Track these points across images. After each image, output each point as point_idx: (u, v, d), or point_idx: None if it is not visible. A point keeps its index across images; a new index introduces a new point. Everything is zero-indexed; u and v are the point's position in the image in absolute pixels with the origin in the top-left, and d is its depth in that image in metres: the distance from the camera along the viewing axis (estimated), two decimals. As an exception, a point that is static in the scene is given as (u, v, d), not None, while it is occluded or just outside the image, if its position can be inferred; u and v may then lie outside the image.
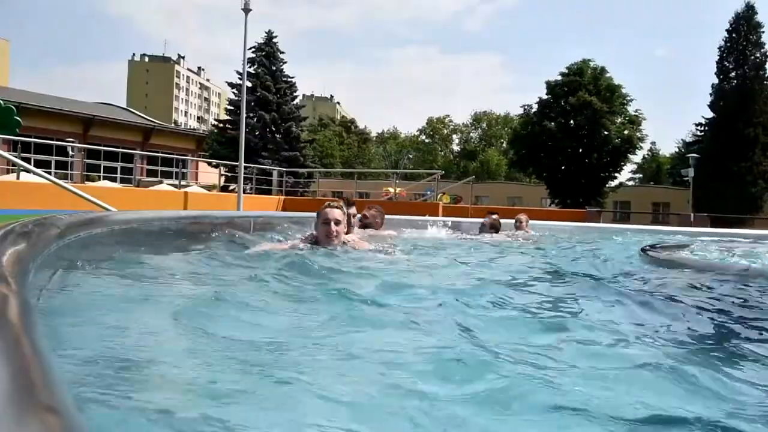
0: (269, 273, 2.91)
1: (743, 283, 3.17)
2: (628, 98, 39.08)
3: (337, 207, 4.09)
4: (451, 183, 32.29)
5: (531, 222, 8.52)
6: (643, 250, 4.67)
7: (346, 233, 4.27)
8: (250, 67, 33.64)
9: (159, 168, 23.44)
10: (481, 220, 7.68)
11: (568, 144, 37.78)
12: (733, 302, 2.71)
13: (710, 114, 35.21)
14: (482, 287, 2.80)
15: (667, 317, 2.15)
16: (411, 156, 79.56)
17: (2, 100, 13.85)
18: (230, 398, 1.11)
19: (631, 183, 55.64)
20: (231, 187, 23.22)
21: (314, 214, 4.24)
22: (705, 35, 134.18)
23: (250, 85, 32.60)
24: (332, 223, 3.97)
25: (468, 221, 9.05)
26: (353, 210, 7.34)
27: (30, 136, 15.52)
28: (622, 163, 39.74)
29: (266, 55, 34.78)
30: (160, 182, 19.46)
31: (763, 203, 33.03)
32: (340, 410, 1.07)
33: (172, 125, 61.24)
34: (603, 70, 39.01)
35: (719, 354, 1.57)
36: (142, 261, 2.87)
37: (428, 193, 22.74)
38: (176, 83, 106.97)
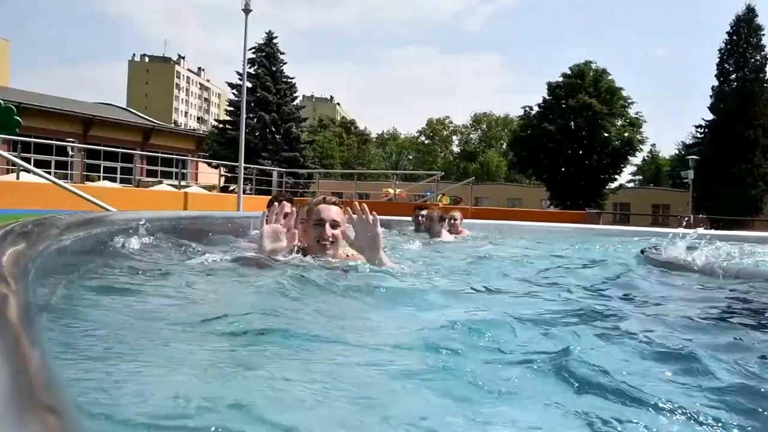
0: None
1: (743, 284, 3.17)
2: (629, 101, 39.18)
3: (334, 203, 3.01)
4: (450, 184, 32.28)
5: (531, 223, 8.18)
6: (642, 252, 4.68)
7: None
8: (250, 67, 33.68)
9: (159, 168, 23.45)
10: (480, 221, 7.42)
11: (568, 146, 37.85)
12: (734, 303, 2.71)
13: (710, 116, 35.27)
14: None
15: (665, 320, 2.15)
16: (411, 157, 79.66)
17: (2, 100, 13.86)
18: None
19: (630, 185, 55.74)
20: (231, 188, 23.23)
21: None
22: (705, 36, 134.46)
23: (250, 85, 32.63)
24: (327, 225, 2.90)
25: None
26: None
27: (30, 136, 15.52)
28: (622, 165, 39.83)
29: (266, 55, 34.82)
30: (160, 182, 19.47)
31: (763, 205, 33.07)
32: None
33: (172, 125, 61.25)
34: (604, 72, 39.10)
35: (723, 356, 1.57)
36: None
37: (428, 194, 22.76)
38: (176, 83, 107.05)
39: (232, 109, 35.18)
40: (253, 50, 34.18)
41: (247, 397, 1.02)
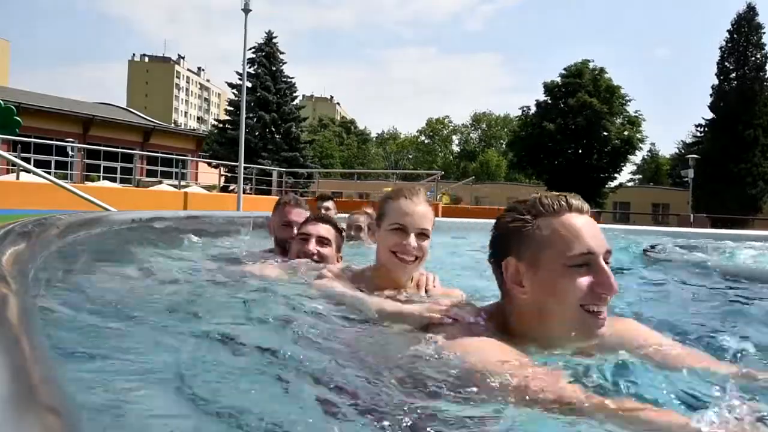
0: None
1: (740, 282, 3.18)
2: (628, 99, 39.14)
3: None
4: (451, 183, 32.31)
5: None
6: (645, 251, 4.68)
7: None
8: (250, 67, 33.67)
9: (159, 168, 23.46)
10: (481, 220, 7.22)
11: (567, 145, 37.82)
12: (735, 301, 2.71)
13: (710, 115, 35.25)
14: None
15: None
16: (411, 156, 79.66)
17: (2, 100, 13.85)
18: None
19: (630, 184, 55.67)
20: (231, 188, 23.23)
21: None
22: (706, 35, 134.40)
23: (250, 85, 32.61)
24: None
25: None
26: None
27: (30, 136, 15.51)
28: (622, 164, 39.80)
29: (266, 55, 34.81)
30: (160, 182, 19.46)
31: (762, 204, 33.07)
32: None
33: (172, 125, 61.25)
34: (602, 70, 39.05)
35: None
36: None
37: (428, 193, 22.75)
38: (176, 83, 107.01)
39: (231, 108, 35.16)
40: (253, 50, 34.17)
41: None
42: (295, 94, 36.48)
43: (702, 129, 37.28)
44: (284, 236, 2.88)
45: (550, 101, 38.96)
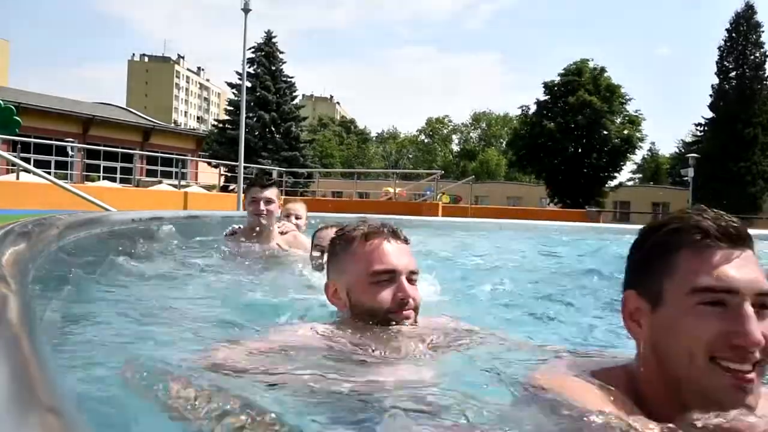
0: None
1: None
2: (628, 98, 39.12)
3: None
4: (450, 183, 32.25)
5: (533, 222, 7.80)
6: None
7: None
8: (249, 67, 33.64)
9: (158, 168, 23.45)
10: (480, 220, 7.15)
11: (567, 144, 37.78)
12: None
13: (710, 114, 35.23)
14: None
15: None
16: (411, 156, 79.65)
17: (2, 100, 13.83)
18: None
19: (630, 183, 55.63)
20: (231, 187, 23.21)
21: (315, 214, 3.33)
22: (706, 35, 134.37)
23: (249, 85, 32.59)
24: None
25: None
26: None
27: (30, 136, 15.51)
28: (622, 163, 39.77)
29: (266, 55, 34.80)
30: (160, 182, 19.45)
31: (762, 203, 33.06)
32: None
33: (172, 125, 61.16)
34: (602, 69, 39.02)
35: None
36: None
37: (428, 192, 22.73)
38: (176, 83, 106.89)
39: (231, 108, 35.15)
40: (253, 50, 34.15)
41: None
42: (294, 94, 36.48)
43: (702, 128, 37.25)
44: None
45: (550, 100, 38.92)
